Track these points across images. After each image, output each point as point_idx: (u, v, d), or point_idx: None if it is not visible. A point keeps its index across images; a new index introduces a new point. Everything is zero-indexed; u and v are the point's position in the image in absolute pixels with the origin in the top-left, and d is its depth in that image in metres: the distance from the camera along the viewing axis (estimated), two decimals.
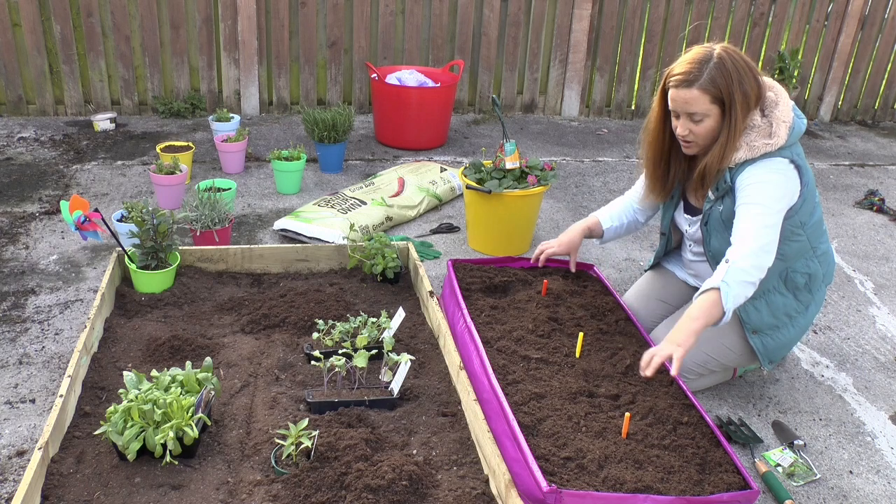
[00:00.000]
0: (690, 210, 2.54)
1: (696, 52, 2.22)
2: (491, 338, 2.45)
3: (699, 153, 2.33)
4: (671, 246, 2.74)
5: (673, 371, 2.05)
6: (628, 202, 2.75)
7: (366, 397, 2.22)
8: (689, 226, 2.55)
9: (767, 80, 2.28)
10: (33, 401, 2.35)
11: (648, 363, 2.08)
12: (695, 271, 2.67)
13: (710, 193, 2.37)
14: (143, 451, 1.94)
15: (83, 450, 2.00)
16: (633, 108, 5.79)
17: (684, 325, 2.11)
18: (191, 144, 4.08)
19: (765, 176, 2.22)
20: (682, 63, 2.22)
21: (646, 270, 2.90)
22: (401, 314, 2.54)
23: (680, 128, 2.27)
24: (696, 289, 2.65)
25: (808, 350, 2.93)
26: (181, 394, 2.01)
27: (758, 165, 2.23)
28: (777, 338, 2.46)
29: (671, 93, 2.25)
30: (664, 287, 2.76)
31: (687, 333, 2.09)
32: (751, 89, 2.20)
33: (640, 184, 2.66)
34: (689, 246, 2.63)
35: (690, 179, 2.47)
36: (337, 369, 2.22)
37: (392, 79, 4.78)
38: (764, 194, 2.20)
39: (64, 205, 2.63)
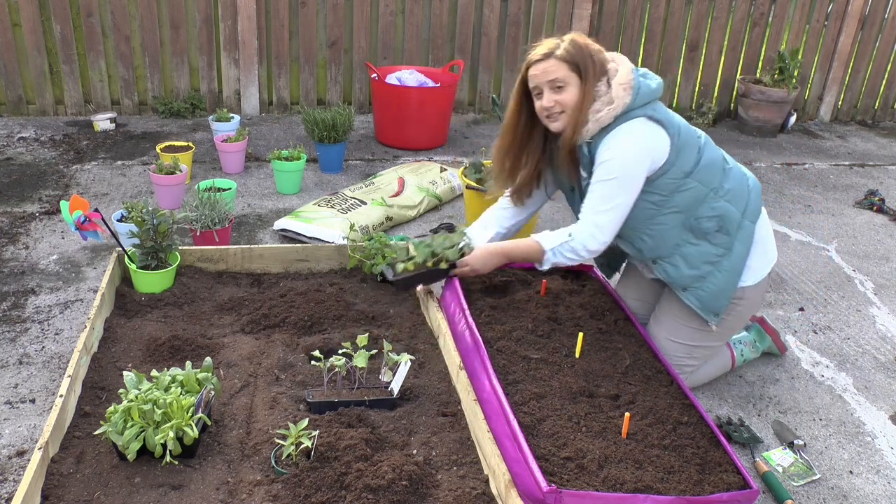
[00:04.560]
0: None
1: (549, 40, 2.37)
2: (491, 338, 2.45)
3: (567, 126, 2.35)
4: None
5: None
6: (497, 213, 2.73)
7: (366, 397, 2.22)
8: None
9: (609, 54, 2.38)
10: (33, 401, 2.35)
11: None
12: (639, 261, 2.68)
13: (582, 172, 2.41)
14: (143, 451, 1.94)
15: (83, 450, 2.00)
16: None
17: (495, 256, 2.48)
18: (191, 144, 4.08)
19: (615, 149, 2.27)
20: (537, 49, 2.35)
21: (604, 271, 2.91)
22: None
23: (545, 100, 2.33)
24: (656, 280, 2.67)
25: (808, 350, 2.94)
26: (181, 394, 2.01)
27: (612, 133, 2.29)
28: (707, 288, 2.40)
29: (531, 71, 2.34)
30: (637, 285, 2.76)
31: (492, 264, 2.49)
32: (597, 59, 2.32)
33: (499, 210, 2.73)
34: None
35: (561, 168, 2.49)
36: (337, 369, 2.22)
37: (392, 79, 4.78)
38: (610, 171, 2.28)
39: (64, 205, 2.63)
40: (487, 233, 2.67)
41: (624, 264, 2.88)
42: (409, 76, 4.83)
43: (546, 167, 2.57)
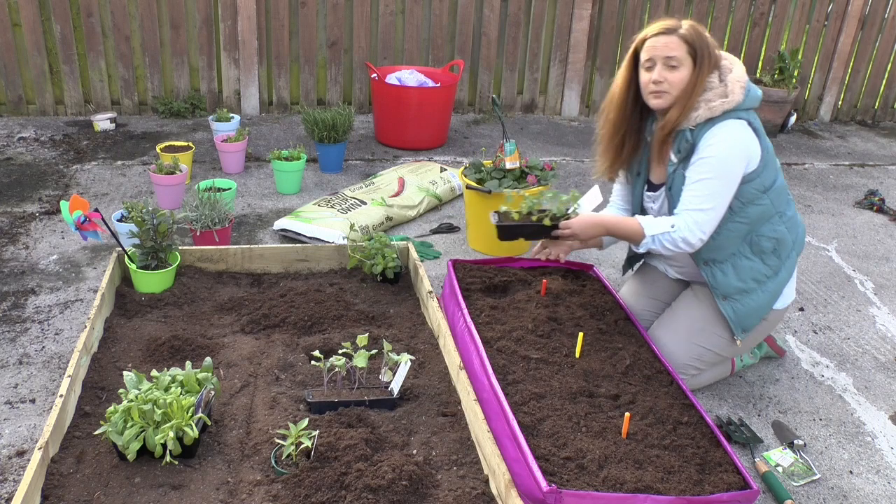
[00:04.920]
0: (652, 188, 2.57)
1: (666, 19, 2.42)
2: (491, 338, 2.45)
3: (669, 106, 2.37)
4: None
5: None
6: (616, 207, 2.78)
7: (366, 397, 2.22)
8: (652, 202, 2.58)
9: (721, 52, 2.42)
10: (33, 401, 2.35)
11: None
12: (669, 259, 2.69)
13: (672, 156, 2.42)
14: (143, 451, 1.94)
15: (83, 450, 2.00)
16: None
17: (597, 227, 2.50)
18: (191, 144, 4.08)
19: (719, 146, 2.30)
20: (657, 23, 2.40)
21: (624, 266, 2.93)
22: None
23: (656, 74, 2.35)
24: (679, 281, 2.71)
25: (808, 350, 2.94)
26: (181, 394, 2.01)
27: (718, 126, 2.32)
28: (746, 303, 2.46)
29: (650, 42, 2.37)
30: (653, 283, 2.78)
31: (592, 234, 2.52)
32: (713, 52, 2.36)
33: (617, 189, 2.77)
34: None
35: (647, 150, 2.52)
36: (337, 369, 2.22)
37: (392, 79, 4.78)
38: (710, 168, 2.31)
39: (64, 205, 2.63)
40: (595, 203, 2.69)
41: (639, 263, 2.89)
42: (409, 76, 4.83)
43: (632, 150, 2.58)
